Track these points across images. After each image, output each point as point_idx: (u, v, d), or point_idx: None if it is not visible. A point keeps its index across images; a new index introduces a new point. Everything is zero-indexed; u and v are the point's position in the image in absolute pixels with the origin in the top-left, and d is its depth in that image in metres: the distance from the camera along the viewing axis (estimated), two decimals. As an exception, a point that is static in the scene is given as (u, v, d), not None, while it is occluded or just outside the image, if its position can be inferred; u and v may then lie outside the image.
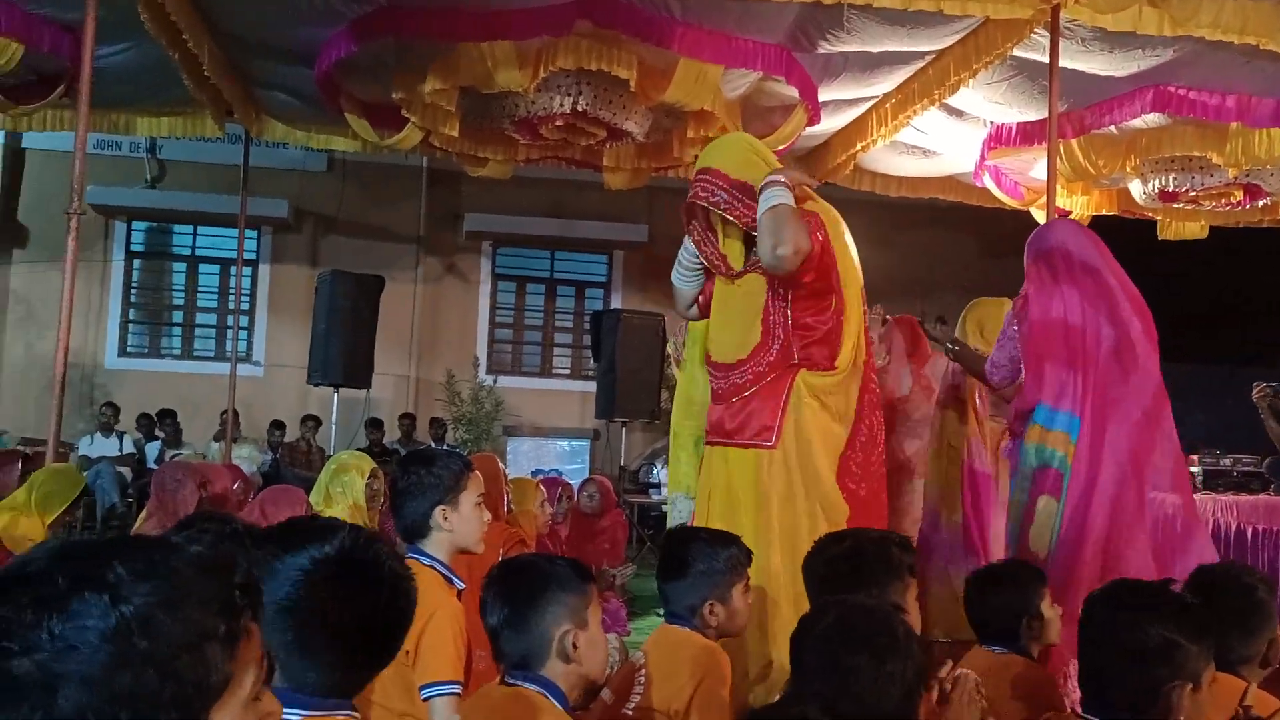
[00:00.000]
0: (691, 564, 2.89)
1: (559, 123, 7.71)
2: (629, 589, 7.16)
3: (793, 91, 7.56)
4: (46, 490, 4.87)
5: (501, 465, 4.99)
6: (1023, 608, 2.90)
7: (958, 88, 7.16)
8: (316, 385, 10.68)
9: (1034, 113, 7.83)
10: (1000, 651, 2.89)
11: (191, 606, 0.98)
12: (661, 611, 3.12)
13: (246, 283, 12.73)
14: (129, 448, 10.89)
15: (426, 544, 2.77)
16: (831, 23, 6.65)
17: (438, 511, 2.76)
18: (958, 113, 8.22)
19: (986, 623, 2.97)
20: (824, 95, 7.80)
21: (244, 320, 12.55)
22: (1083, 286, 3.69)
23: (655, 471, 11.26)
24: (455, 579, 2.75)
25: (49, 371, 12.52)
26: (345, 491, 4.51)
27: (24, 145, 12.88)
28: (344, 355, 10.06)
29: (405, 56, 7.30)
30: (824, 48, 7.06)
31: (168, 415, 11.17)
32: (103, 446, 10.69)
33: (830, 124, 8.66)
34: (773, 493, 3.58)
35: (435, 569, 2.70)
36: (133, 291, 13.62)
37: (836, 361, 3.61)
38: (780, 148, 7.78)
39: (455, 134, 8.07)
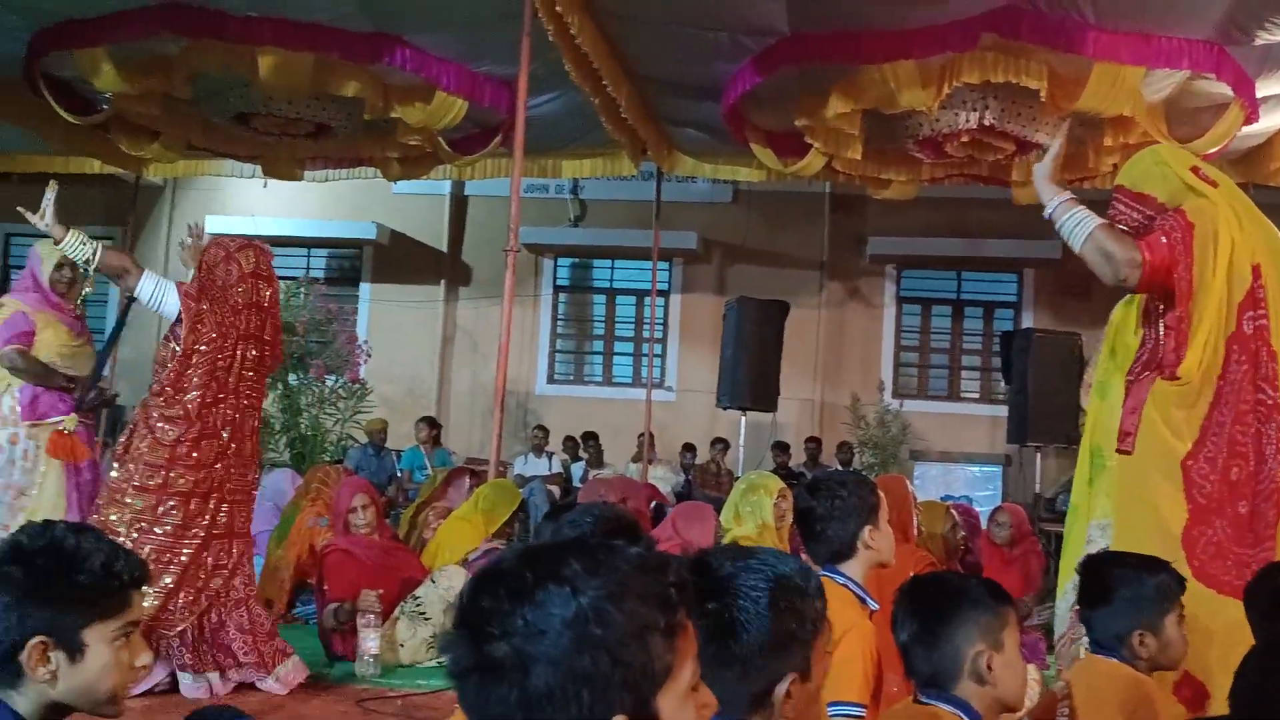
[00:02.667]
0: (1116, 590, 2.72)
1: (964, 139, 7.55)
2: (1047, 622, 6.81)
3: (1224, 89, 6.96)
4: (491, 503, 5.37)
5: (910, 487, 4.94)
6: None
7: None
8: (725, 409, 11.00)
9: None
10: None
11: (635, 600, 1.09)
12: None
13: (660, 312, 13.35)
14: (557, 467, 11.74)
15: (847, 565, 2.77)
16: (1271, 9, 6.07)
17: (865, 532, 2.76)
18: None
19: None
20: (1263, 90, 7.12)
21: (658, 348, 13.18)
22: None
23: (1074, 499, 10.63)
24: (869, 600, 2.74)
25: (490, 397, 13.77)
26: (754, 511, 4.63)
27: (466, 192, 14.26)
28: (751, 380, 10.31)
29: (807, 83, 7.42)
30: (1262, 38, 6.45)
31: (591, 437, 11.92)
32: (535, 466, 11.58)
33: (1271, 122, 7.89)
34: (1120, 501, 3.37)
35: (850, 589, 2.71)
36: (559, 323, 14.69)
37: (1179, 370, 3.29)
38: (1212, 151, 7.19)
39: (858, 157, 8.10)
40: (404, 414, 12.35)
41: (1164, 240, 3.32)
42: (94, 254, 4.67)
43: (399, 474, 10.65)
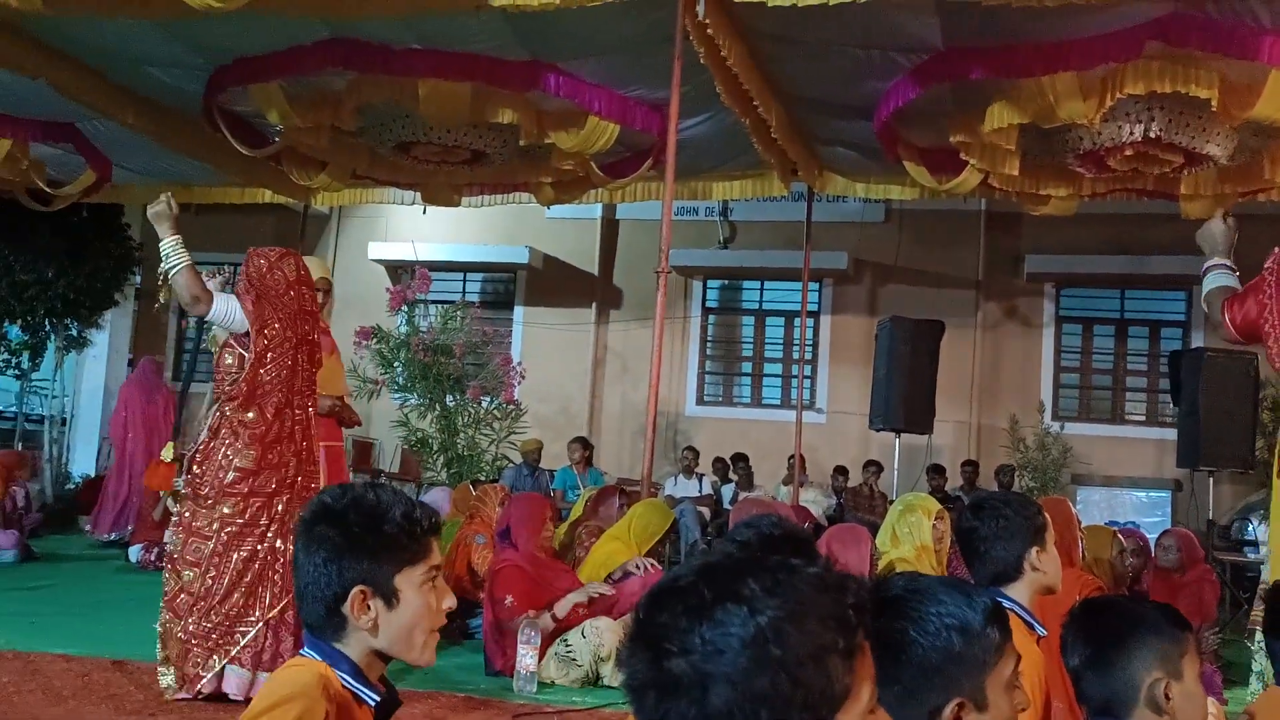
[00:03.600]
0: None
1: (1128, 152, 7.30)
2: (1223, 655, 6.50)
3: None
4: (644, 522, 5.40)
5: (1074, 510, 4.78)
6: None
7: None
8: (878, 430, 10.84)
9: None
10: None
11: (815, 621, 1.08)
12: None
13: (810, 333, 13.26)
14: (707, 489, 11.74)
15: (1012, 588, 2.70)
16: None
17: (1031, 553, 2.68)
18: None
19: None
20: None
21: (808, 369, 13.08)
22: None
23: (1251, 527, 10.12)
24: (1037, 625, 2.65)
25: (640, 419, 13.87)
26: (912, 533, 4.55)
27: (617, 216, 14.43)
28: (905, 401, 10.14)
29: (962, 99, 7.30)
30: None
31: (740, 459, 11.89)
32: (685, 487, 11.60)
33: None
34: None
35: (1015, 612, 2.63)
36: (708, 345, 14.71)
37: None
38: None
39: (1015, 173, 7.91)
40: (556, 434, 12.53)
41: (1250, 301, 3.71)
42: (173, 270, 4.69)
43: (552, 493, 10.80)
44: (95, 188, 9.94)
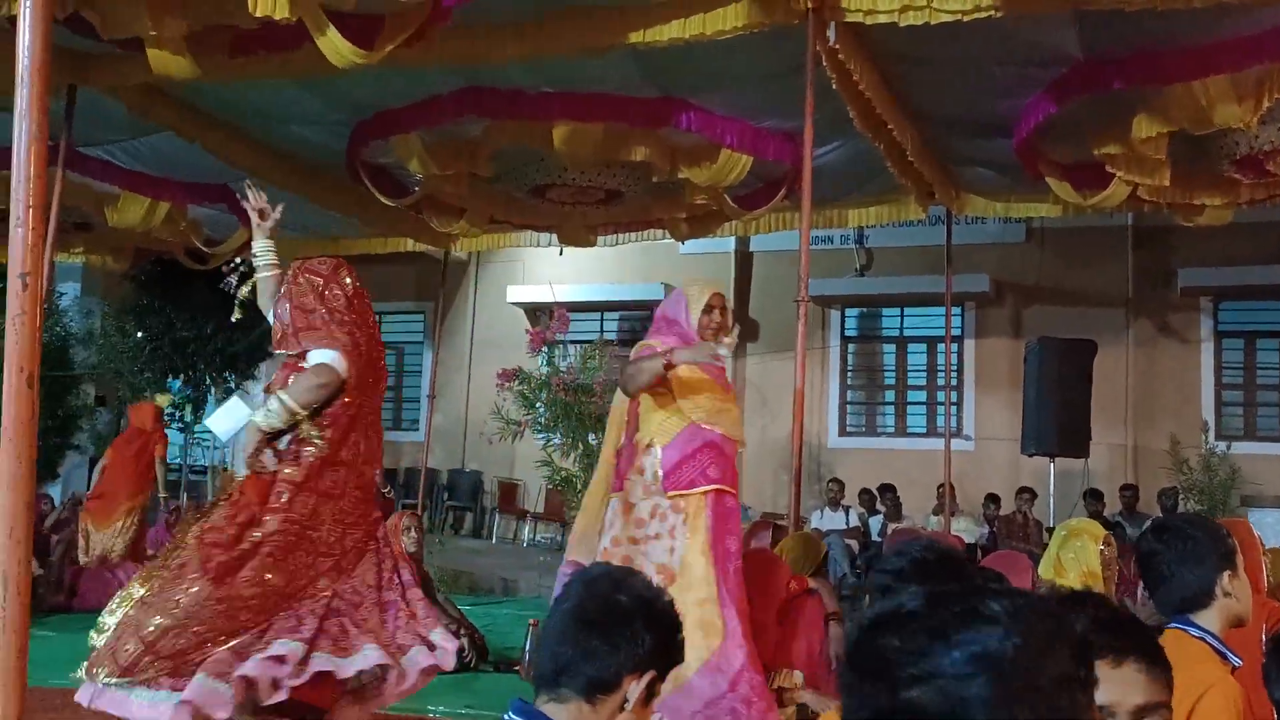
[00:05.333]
0: None
1: (1290, 154, 6.97)
2: None
3: None
4: (794, 556, 5.31)
5: (1257, 534, 4.51)
6: None
7: None
8: (1031, 455, 10.51)
9: None
10: None
11: (1060, 649, 1.00)
12: None
13: (954, 358, 12.97)
14: (854, 521, 11.52)
15: (1201, 615, 2.51)
16: None
17: (1223, 578, 2.49)
18: None
19: None
20: None
21: (953, 395, 12.78)
22: None
23: None
24: (1230, 655, 2.47)
25: (781, 452, 13.72)
26: (1077, 558, 4.35)
27: (751, 248, 14.39)
28: (1058, 424, 9.81)
29: (1106, 110, 7.06)
30: None
31: (888, 490, 11.65)
32: (831, 520, 11.42)
33: None
34: None
35: (1206, 641, 2.47)
36: (849, 374, 14.51)
37: None
38: None
39: (1166, 183, 7.62)
40: (698, 470, 12.45)
41: None
42: (261, 275, 4.48)
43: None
44: (248, 245, 10.30)
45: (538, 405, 11.76)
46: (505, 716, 1.81)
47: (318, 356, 4.17)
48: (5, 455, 2.24)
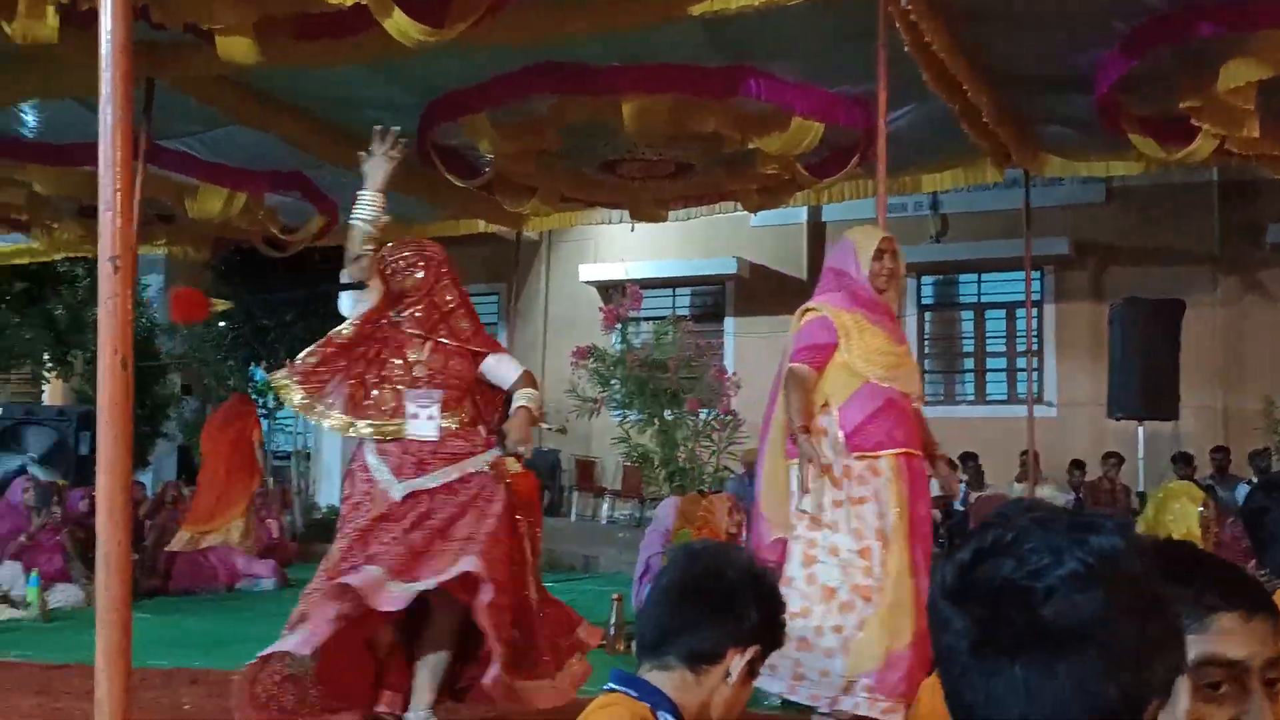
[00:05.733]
0: None
1: (1390, 99, 6.71)
2: None
3: None
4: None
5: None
6: None
7: None
8: (1118, 420, 10.31)
9: None
10: None
11: (1168, 600, 0.97)
12: None
13: (1034, 324, 12.76)
14: (935, 490, 11.37)
15: None
16: None
17: None
18: None
19: None
20: None
21: (1034, 361, 12.57)
22: None
23: None
24: None
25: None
26: (1177, 520, 4.26)
27: (824, 219, 14.24)
28: (1145, 387, 9.60)
29: (1190, 60, 6.84)
30: None
31: (970, 458, 11.50)
32: (913, 489, 11.30)
33: None
34: None
35: None
36: (926, 342, 14.32)
37: None
38: None
39: (1255, 135, 7.36)
40: (775, 443, 12.40)
41: None
42: (355, 220, 4.56)
43: (777, 502, 10.69)
44: (324, 231, 10.46)
45: (613, 382, 11.78)
46: (608, 686, 1.80)
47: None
48: (102, 438, 2.27)
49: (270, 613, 8.33)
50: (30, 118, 8.20)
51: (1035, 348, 12.71)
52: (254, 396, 13.24)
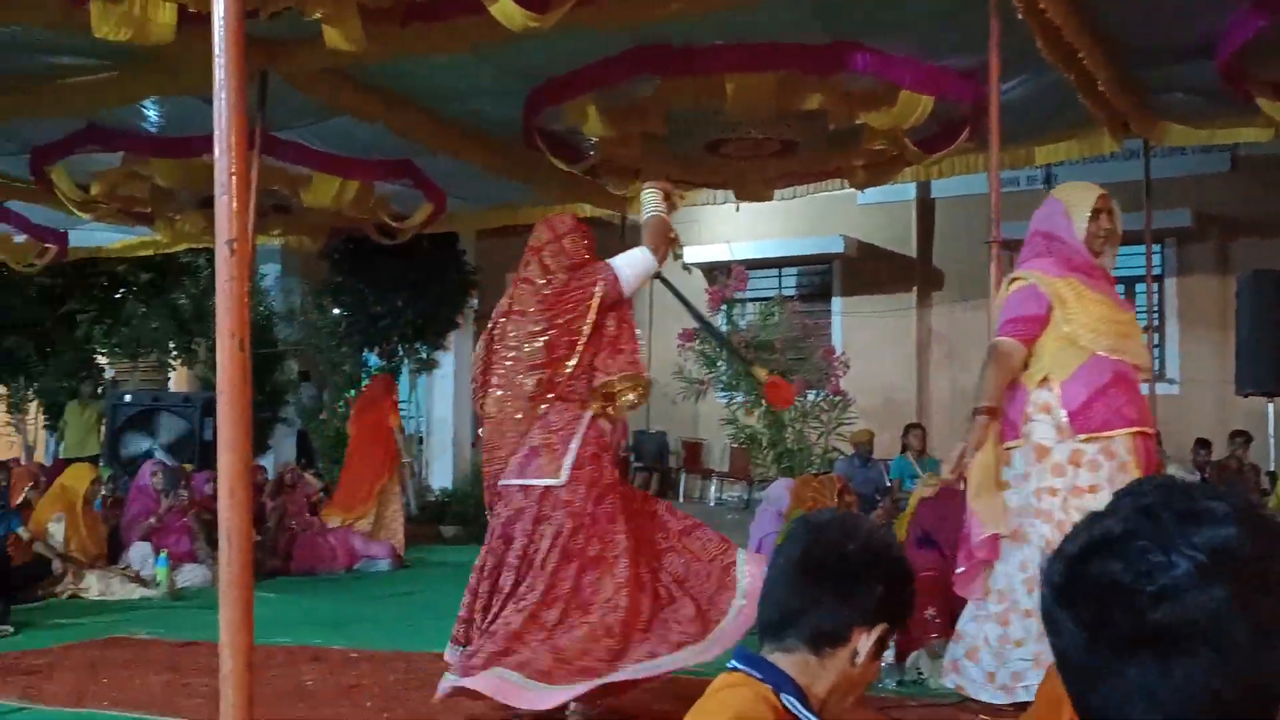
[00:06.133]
0: None
1: None
2: None
3: None
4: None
5: None
6: None
7: None
8: (1246, 396, 9.93)
9: None
10: None
11: None
12: None
13: (1155, 299, 12.36)
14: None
15: None
16: None
17: None
18: None
19: None
20: None
21: (1155, 337, 12.19)
22: None
23: None
24: None
25: (971, 404, 13.30)
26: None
27: (933, 195, 13.98)
28: (1276, 361, 9.23)
29: (1322, 20, 6.54)
30: None
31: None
32: (1027, 470, 11.05)
33: None
34: None
35: None
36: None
37: None
38: None
39: (1394, 95, 7.02)
40: (882, 423, 12.26)
41: None
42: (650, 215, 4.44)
43: (889, 483, 10.57)
44: (432, 218, 10.62)
45: (719, 364, 11.75)
46: (731, 664, 1.77)
47: None
48: (222, 419, 2.33)
49: (386, 594, 8.54)
50: (152, 113, 8.46)
51: (1156, 323, 12.31)
52: (366, 382, 13.52)
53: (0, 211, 10.81)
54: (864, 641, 1.72)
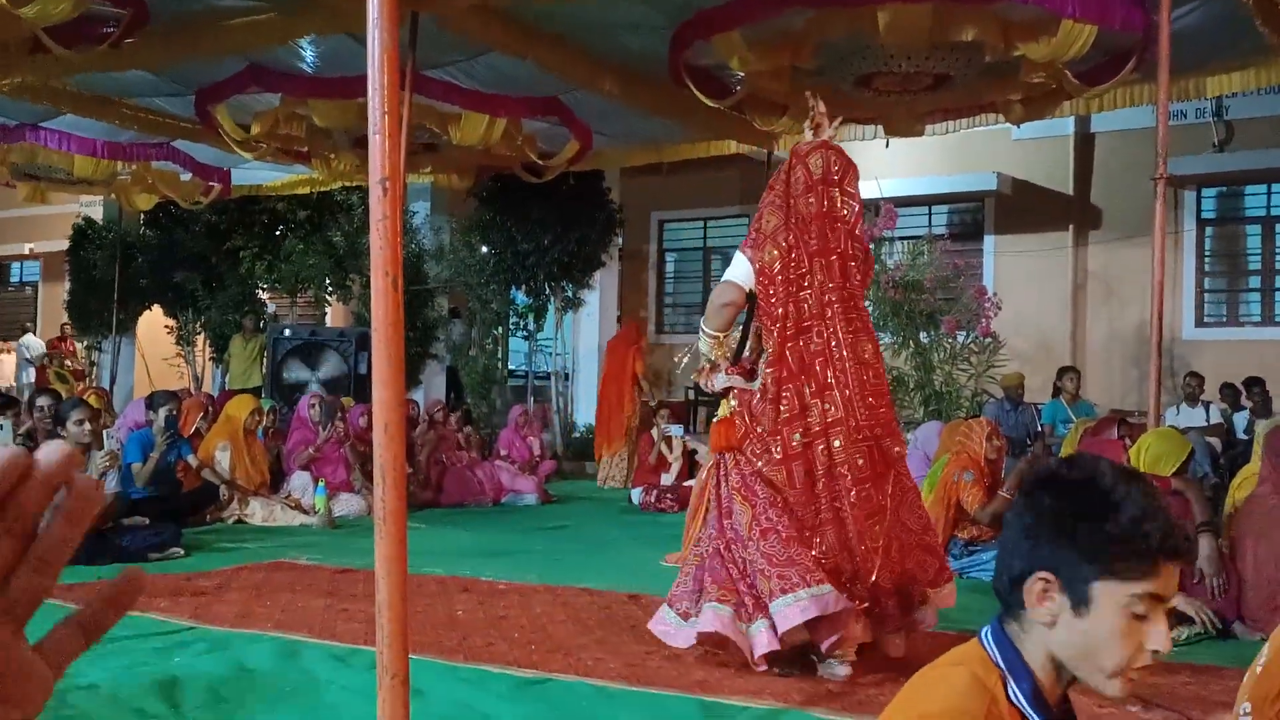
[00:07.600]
0: None
1: None
2: None
3: None
4: (1155, 453, 4.96)
5: None
6: None
7: None
8: None
9: None
10: None
11: None
12: None
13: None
14: (1215, 417, 10.67)
15: None
16: None
17: None
18: None
19: None
20: None
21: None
22: None
23: None
24: None
25: (1129, 345, 12.88)
26: None
27: (1092, 129, 13.40)
28: None
29: None
30: None
31: (1255, 383, 10.69)
32: (1189, 416, 10.62)
33: None
34: None
35: None
36: (1206, 259, 13.35)
37: None
38: None
39: None
40: (1035, 366, 11.92)
41: None
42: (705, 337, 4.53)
43: (1041, 428, 10.29)
44: (579, 156, 10.65)
45: (866, 303, 11.56)
46: (981, 634, 1.59)
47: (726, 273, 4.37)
48: (376, 355, 2.39)
49: (532, 527, 8.72)
50: (309, 54, 8.66)
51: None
52: (513, 319, 13.74)
53: (168, 150, 11.24)
54: (1110, 601, 1.49)
